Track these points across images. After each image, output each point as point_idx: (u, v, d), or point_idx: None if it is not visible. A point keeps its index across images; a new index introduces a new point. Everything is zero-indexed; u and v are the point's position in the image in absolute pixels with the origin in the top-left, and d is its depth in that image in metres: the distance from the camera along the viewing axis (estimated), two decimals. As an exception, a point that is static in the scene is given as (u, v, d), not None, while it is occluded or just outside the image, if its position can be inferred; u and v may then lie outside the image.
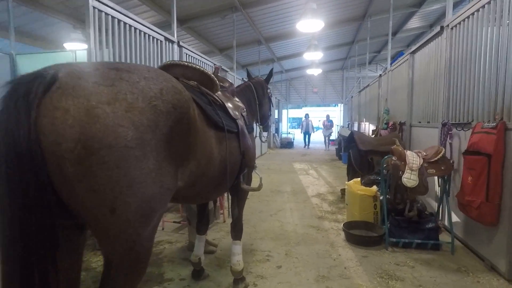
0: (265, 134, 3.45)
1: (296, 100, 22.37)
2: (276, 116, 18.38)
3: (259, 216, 4.52)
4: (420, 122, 4.89)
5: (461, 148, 3.45)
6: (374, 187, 3.90)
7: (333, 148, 13.80)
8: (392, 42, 11.42)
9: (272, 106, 3.55)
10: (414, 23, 12.34)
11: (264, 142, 3.60)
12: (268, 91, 3.39)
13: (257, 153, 11.54)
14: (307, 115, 16.06)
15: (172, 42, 4.62)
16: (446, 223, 3.75)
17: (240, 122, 2.17)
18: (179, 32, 9.25)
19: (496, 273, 2.76)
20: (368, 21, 10.53)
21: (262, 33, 10.90)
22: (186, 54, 5.07)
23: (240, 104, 2.40)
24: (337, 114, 23.93)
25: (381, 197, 3.72)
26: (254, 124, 3.04)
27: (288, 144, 15.88)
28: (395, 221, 3.38)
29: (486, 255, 2.93)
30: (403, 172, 3.15)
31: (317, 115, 26.73)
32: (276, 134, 16.76)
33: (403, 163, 3.20)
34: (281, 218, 4.39)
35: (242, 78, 9.15)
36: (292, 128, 32.27)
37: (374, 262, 3.01)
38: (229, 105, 2.15)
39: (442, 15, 10.94)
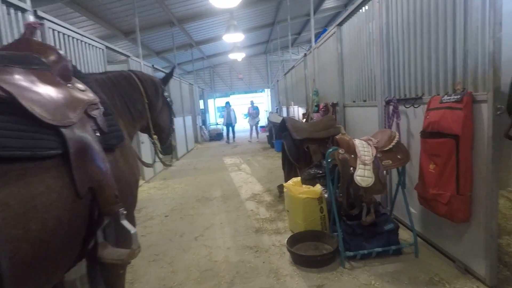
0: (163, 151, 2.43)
1: (222, 88, 21.29)
2: (202, 107, 17.14)
3: (180, 242, 3.46)
4: (354, 102, 4.36)
5: (411, 128, 2.91)
6: (318, 187, 3.18)
7: (263, 136, 13.11)
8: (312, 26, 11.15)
9: (173, 116, 2.52)
10: (330, 2, 12.26)
11: (168, 166, 2.58)
12: (165, 94, 2.36)
13: (183, 150, 10.27)
14: (228, 104, 13.65)
15: (23, 10, 3.11)
16: (397, 213, 3.26)
17: (76, 133, 1.07)
18: (63, 10, 7.31)
19: (473, 277, 2.25)
20: (287, 0, 9.96)
21: (173, 13, 9.45)
22: (52, 29, 3.57)
23: (89, 96, 1.28)
24: (264, 99, 23.66)
25: (329, 198, 3.01)
26: (143, 137, 1.97)
27: (217, 136, 14.78)
28: (349, 228, 2.69)
29: (457, 255, 2.42)
30: (354, 168, 2.44)
31: (245, 102, 26.12)
32: (203, 126, 15.55)
33: (353, 156, 2.49)
34: (209, 241, 3.40)
35: (153, 65, 7.73)
36: (222, 118, 31.27)
37: (332, 291, 2.27)
38: (34, 97, 1.02)
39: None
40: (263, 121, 15.28)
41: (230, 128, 13.34)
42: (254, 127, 13.48)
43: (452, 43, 2.29)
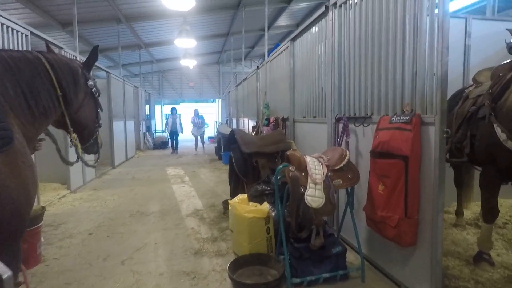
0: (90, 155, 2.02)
1: (171, 95, 20.46)
2: (148, 113, 16.15)
3: (102, 267, 2.92)
4: (304, 117, 4.31)
5: (360, 147, 2.87)
6: (266, 205, 2.96)
7: (210, 147, 12.28)
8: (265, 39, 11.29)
9: (100, 110, 2.10)
10: (283, 20, 12.59)
11: (91, 166, 2.15)
12: (91, 83, 1.92)
13: (121, 157, 9.40)
14: (173, 110, 12.12)
15: None
16: (344, 235, 3.18)
17: None
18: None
19: (417, 305, 2.19)
20: (242, 11, 9.93)
21: (121, 9, 8.75)
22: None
23: None
24: (215, 110, 23.33)
25: (276, 218, 2.80)
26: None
27: (162, 144, 13.93)
28: (296, 252, 2.50)
29: (402, 279, 2.37)
30: (305, 188, 2.27)
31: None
32: (147, 133, 14.60)
33: (303, 174, 2.32)
34: (139, 265, 2.93)
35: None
36: (166, 125, 30.12)
37: (276, 325, 2.02)
38: None
39: (309, 14, 11.45)
40: (210, 131, 14.56)
41: (174, 137, 12.06)
42: (199, 138, 12.11)
43: (401, 64, 2.29)
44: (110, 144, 8.62)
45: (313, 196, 2.22)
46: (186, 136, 14.31)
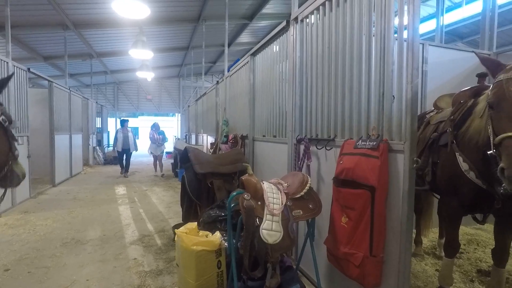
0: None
1: (128, 107, 19.38)
2: (99, 125, 15.02)
3: (10, 318, 2.34)
4: (264, 136, 4.07)
5: (321, 172, 2.66)
6: (217, 235, 2.60)
7: (167, 164, 10.96)
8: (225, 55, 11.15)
9: (15, 140, 1.73)
10: (245, 37, 12.60)
11: None
12: None
13: (64, 174, 8.46)
14: (124, 122, 9.51)
15: None
16: (302, 267, 2.91)
17: None
18: None
19: None
20: (203, 25, 9.70)
21: (68, 14, 8.03)
22: None
23: None
24: (175, 124, 22.54)
25: (228, 252, 2.44)
26: None
27: (114, 159, 12.81)
28: (250, 292, 2.16)
29: (365, 322, 2.12)
30: (260, 219, 1.97)
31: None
32: (98, 147, 13.46)
33: (260, 203, 2.03)
34: (61, 312, 2.39)
35: (28, 69, 6.19)
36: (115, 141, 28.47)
37: None
38: None
39: (271, 32, 11.55)
40: (169, 146, 13.31)
41: (125, 156, 9.51)
42: (157, 158, 9.74)
43: (366, 84, 2.14)
44: (51, 159, 7.71)
45: (270, 230, 1.92)
46: (140, 151, 13.22)
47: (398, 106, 1.86)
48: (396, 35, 1.89)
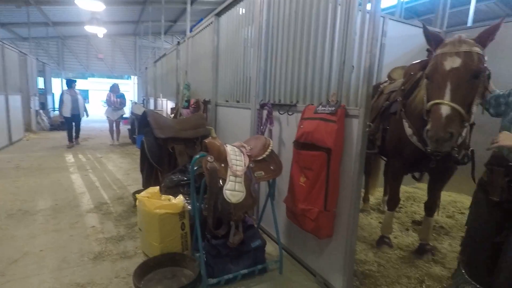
0: None
1: (76, 67, 17.64)
2: (43, 86, 13.60)
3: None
4: (227, 101, 4.05)
5: (283, 136, 2.77)
6: (180, 198, 2.64)
7: (124, 130, 9.69)
8: (188, 13, 10.45)
9: None
10: (209, -5, 11.89)
11: None
12: None
13: (2, 141, 7.69)
14: (71, 83, 8.24)
15: None
16: (264, 225, 3.10)
17: None
18: None
19: (331, 294, 2.22)
20: (161, -21, 8.95)
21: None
22: None
23: None
24: (131, 87, 21.22)
25: (192, 213, 2.50)
26: None
27: (62, 124, 11.80)
28: (213, 249, 2.28)
29: (317, 269, 2.38)
30: (224, 180, 2.04)
31: (106, 87, 22.73)
32: (42, 111, 12.29)
33: (223, 165, 2.08)
34: (13, 283, 2.29)
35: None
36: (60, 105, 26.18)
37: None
38: None
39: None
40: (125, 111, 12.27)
41: (74, 123, 8.30)
42: (115, 124, 8.71)
43: (329, 52, 2.20)
44: None
45: (233, 190, 2.01)
46: (91, 117, 12.14)
47: (357, 74, 1.96)
48: (360, 6, 1.94)
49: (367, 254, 2.81)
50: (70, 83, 8.24)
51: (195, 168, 2.24)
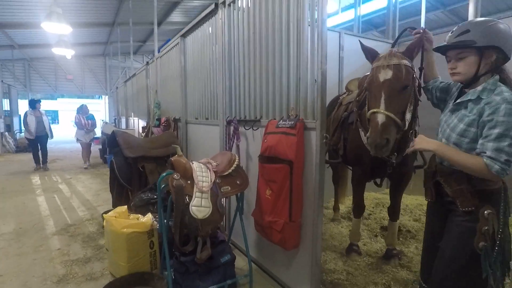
0: None
1: (43, 88, 17.10)
2: (8, 108, 13.03)
3: None
4: (197, 119, 4.10)
5: (250, 151, 2.85)
6: (149, 217, 2.62)
7: (94, 150, 9.39)
8: (157, 33, 10.54)
9: None
10: (177, 16, 12.06)
11: None
12: None
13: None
14: (35, 103, 7.88)
15: None
16: (235, 240, 3.12)
17: None
18: None
19: (300, 304, 2.26)
20: (129, 0, 9.00)
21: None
22: None
23: None
24: (102, 107, 20.73)
25: (160, 231, 2.49)
26: None
27: (29, 147, 11.31)
28: (182, 266, 2.27)
29: (286, 281, 2.42)
30: (190, 197, 2.07)
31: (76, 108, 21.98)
32: (7, 133, 11.74)
33: (189, 182, 2.12)
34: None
35: None
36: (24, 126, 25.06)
37: None
38: None
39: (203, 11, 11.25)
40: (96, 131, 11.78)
41: (40, 146, 7.86)
42: (85, 148, 8.28)
43: (286, 70, 2.33)
44: None
45: (199, 206, 2.04)
46: (59, 137, 11.62)
47: (311, 88, 2.10)
48: (309, 26, 2.09)
49: (337, 263, 2.86)
50: (34, 104, 7.84)
51: (163, 186, 2.26)
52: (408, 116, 1.88)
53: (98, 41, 14.56)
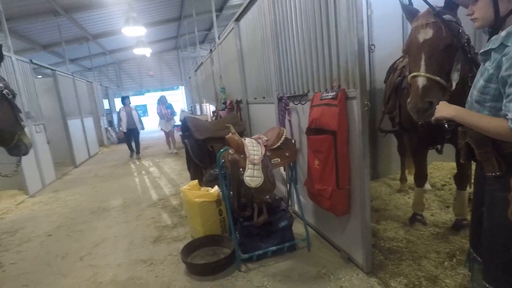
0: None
1: (131, 86, 19.65)
2: (108, 107, 15.49)
3: (60, 265, 2.94)
4: (256, 98, 4.36)
5: (301, 125, 2.98)
6: (216, 189, 3.03)
7: (176, 136, 9.93)
8: (220, 20, 11.00)
9: (19, 111, 2.01)
10: (237, -1, 12.29)
11: (9, 176, 2.07)
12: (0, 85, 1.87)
13: (83, 155, 9.10)
14: (126, 100, 8.73)
15: None
16: (296, 209, 3.35)
17: None
18: None
19: (354, 265, 2.39)
20: (191, -7, 9.60)
21: (56, 0, 8.13)
22: None
23: None
24: (179, 97, 22.75)
25: (224, 199, 2.87)
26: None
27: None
28: (245, 230, 2.62)
29: (341, 245, 2.56)
30: (244, 169, 2.35)
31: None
32: (110, 128, 14.04)
33: (242, 156, 2.40)
34: (97, 260, 2.97)
35: (31, 61, 6.52)
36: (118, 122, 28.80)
37: (225, 300, 2.15)
38: None
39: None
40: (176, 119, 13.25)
41: (133, 137, 8.82)
42: (169, 135, 9.05)
43: (327, 41, 2.35)
44: (68, 143, 8.28)
45: (252, 176, 2.31)
46: (150, 128, 13.53)
47: (351, 57, 2.10)
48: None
49: (398, 232, 2.81)
50: (124, 100, 8.88)
51: (222, 160, 2.60)
52: (455, 75, 1.76)
53: (169, 36, 15.90)
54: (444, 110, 1.37)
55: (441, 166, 4.46)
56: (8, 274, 2.89)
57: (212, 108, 8.11)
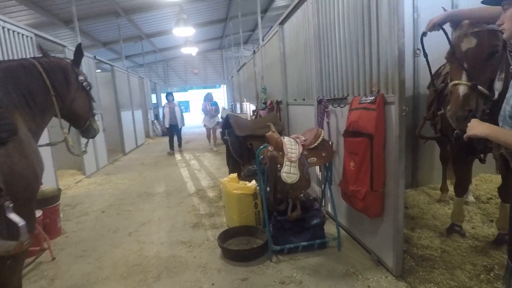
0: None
1: (177, 83, 20.71)
2: (155, 101, 16.51)
3: (112, 238, 3.35)
4: (296, 100, 4.48)
5: (339, 127, 3.06)
6: (253, 183, 3.22)
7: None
8: (264, 21, 11.22)
9: (93, 101, 2.34)
10: (282, 1, 12.43)
11: (79, 155, 2.41)
12: (81, 78, 2.16)
13: (131, 145, 9.84)
14: (170, 96, 9.10)
15: None
16: (329, 209, 3.42)
17: None
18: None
19: (384, 268, 2.43)
20: (238, -5, 9.94)
21: (118, 2, 8.91)
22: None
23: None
24: (221, 95, 23.46)
25: (260, 193, 3.05)
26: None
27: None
28: (278, 223, 2.77)
29: (372, 247, 2.60)
30: (281, 165, 2.51)
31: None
32: (156, 121, 14.98)
33: (281, 153, 2.55)
34: (143, 237, 3.32)
35: (95, 57, 7.24)
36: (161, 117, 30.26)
37: (255, 285, 2.32)
38: None
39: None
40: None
41: (175, 133, 9.15)
42: (212, 131, 9.29)
43: (369, 46, 2.42)
44: (120, 133, 9.03)
45: (289, 173, 2.46)
46: (192, 123, 14.30)
47: (391, 63, 2.16)
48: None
49: (433, 241, 2.75)
50: (167, 97, 9.18)
51: (261, 157, 2.78)
52: (498, 84, 1.76)
53: (215, 37, 16.56)
54: (477, 128, 1.33)
55: (489, 179, 4.23)
56: (71, 240, 3.36)
57: (252, 107, 8.36)
